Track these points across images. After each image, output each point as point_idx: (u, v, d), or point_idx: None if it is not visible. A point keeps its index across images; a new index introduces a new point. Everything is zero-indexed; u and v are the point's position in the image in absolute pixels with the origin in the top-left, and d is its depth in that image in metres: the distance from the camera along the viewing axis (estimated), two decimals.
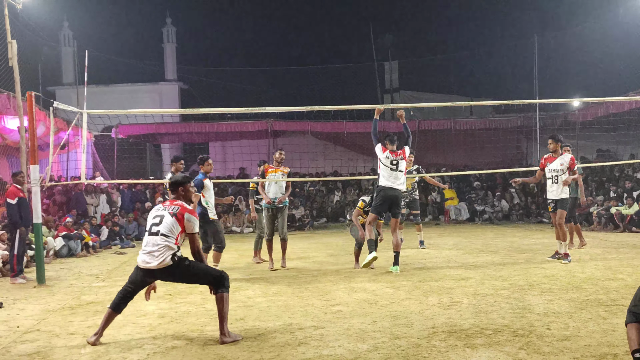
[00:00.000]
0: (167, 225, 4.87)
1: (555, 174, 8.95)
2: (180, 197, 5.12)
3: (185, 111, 18.20)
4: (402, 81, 27.09)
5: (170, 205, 4.99)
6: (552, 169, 8.98)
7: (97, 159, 19.54)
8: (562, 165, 8.91)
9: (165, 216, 4.91)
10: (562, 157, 8.99)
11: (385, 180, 8.39)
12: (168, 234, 4.85)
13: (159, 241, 4.83)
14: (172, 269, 4.84)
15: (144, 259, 4.87)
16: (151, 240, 4.87)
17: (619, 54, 20.41)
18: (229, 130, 21.00)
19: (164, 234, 4.85)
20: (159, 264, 4.81)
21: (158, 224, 4.89)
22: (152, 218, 4.99)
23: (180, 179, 5.20)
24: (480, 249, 10.92)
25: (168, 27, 26.56)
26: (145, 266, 4.86)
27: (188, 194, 5.15)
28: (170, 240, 4.84)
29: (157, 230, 4.87)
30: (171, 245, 4.84)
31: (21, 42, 11.94)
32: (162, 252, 4.81)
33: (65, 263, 11.01)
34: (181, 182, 5.16)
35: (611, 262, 8.75)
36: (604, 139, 19.61)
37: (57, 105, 9.70)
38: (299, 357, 4.38)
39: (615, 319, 5.19)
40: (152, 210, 5.15)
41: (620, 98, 14.52)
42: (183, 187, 5.14)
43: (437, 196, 19.91)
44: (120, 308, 5.01)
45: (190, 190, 5.18)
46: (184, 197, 5.13)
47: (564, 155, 9.03)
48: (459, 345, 4.53)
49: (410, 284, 7.33)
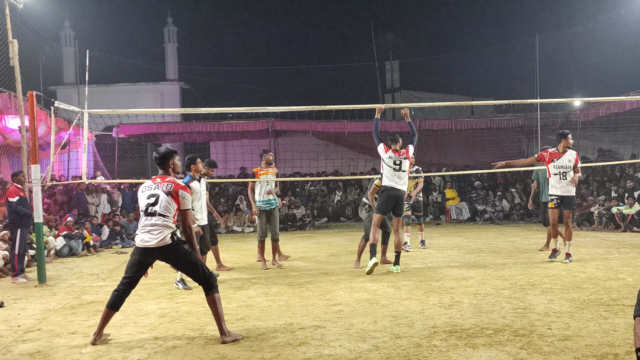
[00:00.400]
0: (164, 204, 4.87)
1: (563, 170, 8.85)
2: (169, 171, 5.09)
3: (186, 111, 18.17)
4: (403, 81, 27.07)
5: (163, 183, 4.95)
6: (561, 165, 8.85)
7: (98, 158, 19.56)
8: (570, 162, 8.83)
9: (160, 195, 4.89)
10: (569, 153, 8.89)
11: (388, 180, 8.36)
12: (165, 213, 4.86)
13: (158, 221, 4.84)
14: (170, 249, 4.84)
15: (142, 238, 4.87)
16: (149, 221, 4.87)
17: (621, 53, 20.40)
18: (229, 130, 21.00)
19: (161, 214, 4.86)
20: (157, 242, 4.81)
21: (154, 204, 4.88)
22: (146, 198, 4.94)
23: (166, 152, 5.13)
24: (481, 249, 10.92)
25: (169, 26, 26.55)
26: (144, 245, 4.85)
27: (175, 167, 5.13)
28: (168, 220, 4.86)
29: (154, 210, 4.87)
30: (169, 224, 4.85)
31: (22, 41, 11.94)
32: (161, 231, 4.83)
33: (66, 263, 11.02)
34: (170, 155, 5.11)
35: (612, 261, 8.74)
36: (605, 139, 19.59)
37: (58, 104, 9.71)
38: (299, 356, 4.39)
39: (616, 318, 5.18)
40: (141, 187, 5.07)
41: (622, 98, 14.51)
42: (172, 159, 5.11)
43: (438, 196, 19.91)
44: (117, 305, 4.99)
45: (177, 164, 5.15)
46: (173, 170, 5.11)
47: (570, 152, 8.93)
48: (460, 345, 4.53)
49: (411, 283, 7.33)
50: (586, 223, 15.45)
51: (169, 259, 4.94)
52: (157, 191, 4.93)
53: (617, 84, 19.64)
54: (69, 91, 23.66)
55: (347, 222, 19.27)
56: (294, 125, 21.48)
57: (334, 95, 24.81)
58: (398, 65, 27.04)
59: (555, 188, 8.96)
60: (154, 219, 4.86)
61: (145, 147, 23.47)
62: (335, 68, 26.62)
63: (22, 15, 12.81)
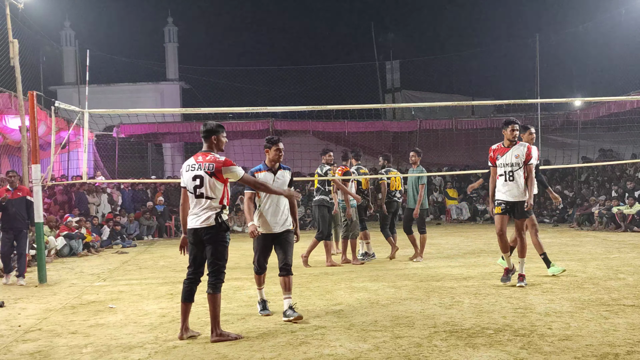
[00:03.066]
0: (209, 186, 4.90)
1: (509, 169, 6.95)
2: (213, 146, 5.09)
3: (187, 110, 18.20)
4: (404, 80, 27.05)
5: (205, 163, 4.94)
6: (505, 162, 6.99)
7: (98, 158, 19.55)
8: (517, 157, 6.93)
9: (204, 177, 4.90)
10: (517, 147, 6.98)
11: None
12: (211, 195, 4.90)
13: (204, 203, 4.90)
14: (213, 231, 4.88)
15: (191, 219, 4.96)
16: (197, 203, 4.93)
17: (621, 53, 20.40)
18: (230, 130, 20.94)
19: (208, 196, 4.90)
20: (202, 223, 4.88)
21: (200, 186, 4.91)
22: (191, 179, 4.95)
23: (214, 127, 5.12)
24: (482, 249, 10.92)
25: (169, 26, 26.54)
26: (192, 225, 4.94)
27: (220, 143, 5.11)
28: (214, 202, 4.90)
29: (201, 192, 4.91)
30: (215, 205, 4.90)
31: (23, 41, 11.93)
32: (206, 212, 4.89)
33: (66, 262, 11.02)
34: (215, 131, 5.09)
35: (612, 261, 8.73)
36: (606, 139, 19.58)
37: (59, 104, 9.72)
38: (300, 356, 4.38)
39: (616, 318, 5.18)
40: (185, 165, 5.07)
41: (622, 97, 14.52)
42: (216, 135, 5.09)
43: (438, 196, 19.90)
44: (190, 297, 5.01)
45: (222, 140, 5.13)
46: (216, 147, 5.10)
47: (520, 146, 7.01)
48: (460, 344, 4.53)
49: (412, 283, 7.33)
50: (587, 223, 15.45)
51: (209, 242, 4.93)
52: (200, 172, 4.93)
53: (618, 84, 19.64)
54: (70, 91, 23.64)
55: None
56: (294, 125, 21.47)
57: (334, 95, 24.79)
58: (398, 65, 27.02)
59: (501, 192, 7.02)
60: (201, 200, 4.91)
61: (146, 147, 23.45)
62: (335, 68, 26.60)
63: (22, 15, 12.81)
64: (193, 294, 5.05)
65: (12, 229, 8.58)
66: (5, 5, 10.77)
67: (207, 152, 5.04)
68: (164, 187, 18.17)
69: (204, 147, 5.12)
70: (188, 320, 5.04)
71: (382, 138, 21.09)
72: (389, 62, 26.88)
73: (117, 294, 7.32)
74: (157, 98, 25.93)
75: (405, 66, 27.07)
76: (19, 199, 8.61)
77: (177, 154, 23.56)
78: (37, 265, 8.63)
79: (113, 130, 20.13)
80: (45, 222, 11.16)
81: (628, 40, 19.60)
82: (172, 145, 24.29)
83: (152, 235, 16.20)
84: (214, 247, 4.92)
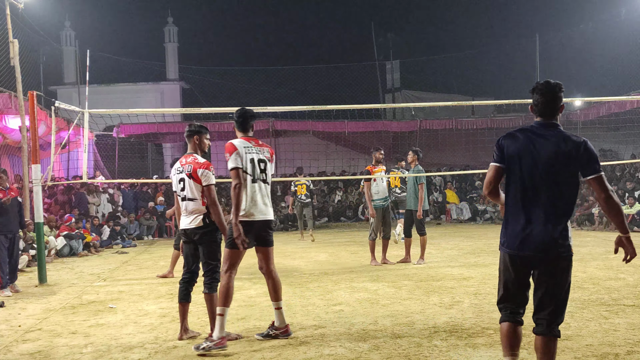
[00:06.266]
0: (190, 189, 4.96)
1: None
2: (196, 147, 5.14)
3: (187, 110, 18.18)
4: (404, 80, 27.08)
5: (186, 165, 5.01)
6: None
7: (98, 158, 19.56)
8: None
9: (185, 179, 4.98)
10: None
11: None
12: (194, 197, 4.95)
13: (190, 205, 4.97)
14: (203, 230, 4.92)
15: (182, 221, 5.06)
16: (185, 206, 5.01)
17: (621, 53, 20.39)
18: (230, 130, 20.98)
19: (191, 198, 4.95)
20: (190, 223, 4.95)
21: (183, 189, 4.99)
22: (177, 182, 5.05)
23: (196, 128, 5.19)
24: (482, 249, 10.91)
25: (169, 26, 26.56)
26: (183, 226, 5.03)
27: (202, 144, 5.16)
28: (198, 203, 4.95)
29: (184, 195, 4.99)
30: (200, 207, 4.94)
31: (23, 41, 11.95)
32: (194, 213, 4.95)
33: (66, 262, 11.02)
34: (197, 131, 5.15)
35: (613, 261, 8.73)
36: (606, 139, 19.57)
37: (59, 104, 9.71)
38: (300, 356, 4.38)
39: (617, 318, 5.18)
40: (173, 169, 5.19)
41: (622, 97, 14.51)
42: (198, 136, 5.14)
43: (438, 196, 19.90)
44: (187, 297, 5.07)
45: (204, 142, 5.18)
46: (199, 147, 5.14)
47: None
48: (460, 344, 4.53)
49: (412, 283, 7.33)
50: (587, 223, 15.45)
51: (200, 241, 4.97)
52: (183, 175, 5.01)
53: (618, 84, 19.64)
54: (70, 91, 23.67)
55: (347, 222, 19.27)
56: (294, 125, 21.48)
57: (334, 95, 24.80)
58: (398, 65, 27.04)
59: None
60: (188, 203, 4.98)
61: (146, 147, 23.46)
62: (335, 68, 26.63)
63: (22, 15, 12.82)
64: (189, 294, 5.08)
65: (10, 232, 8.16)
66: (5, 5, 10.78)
67: (190, 154, 5.11)
68: (164, 187, 18.17)
69: (188, 148, 5.18)
70: (187, 321, 5.06)
71: (382, 138, 21.09)
72: (389, 62, 26.89)
73: (117, 294, 7.32)
74: (157, 98, 25.95)
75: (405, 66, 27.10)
76: (14, 199, 8.38)
77: (177, 154, 23.55)
78: (37, 265, 8.62)
79: (113, 130, 20.13)
80: (46, 222, 11.16)
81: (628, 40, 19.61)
82: (172, 145, 24.31)
83: (152, 235, 16.21)
84: (205, 247, 4.97)
